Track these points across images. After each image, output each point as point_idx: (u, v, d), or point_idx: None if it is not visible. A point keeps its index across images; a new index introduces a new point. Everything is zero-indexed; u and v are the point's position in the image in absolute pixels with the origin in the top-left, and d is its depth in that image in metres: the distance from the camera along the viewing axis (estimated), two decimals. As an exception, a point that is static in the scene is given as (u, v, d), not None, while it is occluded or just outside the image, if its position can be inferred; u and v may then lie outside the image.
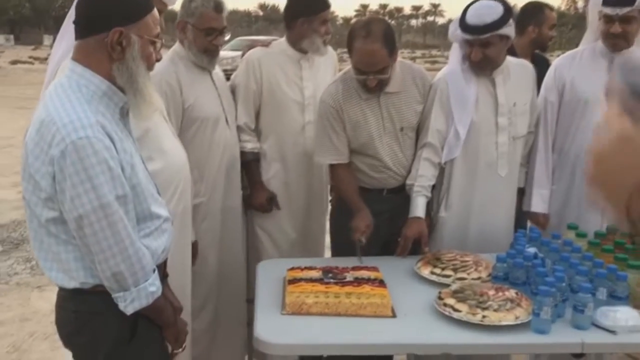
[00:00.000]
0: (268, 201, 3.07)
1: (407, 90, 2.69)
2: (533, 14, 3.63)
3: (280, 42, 3.08)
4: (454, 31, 2.73)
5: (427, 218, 2.76)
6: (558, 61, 3.00)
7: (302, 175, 3.09)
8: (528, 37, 3.68)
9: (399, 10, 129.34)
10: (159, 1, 2.27)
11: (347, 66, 2.69)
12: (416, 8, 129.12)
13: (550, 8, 3.84)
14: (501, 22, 2.58)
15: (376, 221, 2.65)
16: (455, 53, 2.82)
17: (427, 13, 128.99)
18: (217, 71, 2.93)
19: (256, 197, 3.05)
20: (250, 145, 3.00)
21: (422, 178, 2.72)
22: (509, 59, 2.84)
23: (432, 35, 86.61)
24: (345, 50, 2.57)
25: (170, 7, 2.54)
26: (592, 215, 2.87)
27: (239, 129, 2.97)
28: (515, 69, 2.82)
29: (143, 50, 1.68)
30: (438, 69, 3.08)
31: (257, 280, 2.40)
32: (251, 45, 3.19)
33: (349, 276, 2.24)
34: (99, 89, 1.66)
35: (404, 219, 2.82)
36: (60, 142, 1.55)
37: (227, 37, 2.77)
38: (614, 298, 2.12)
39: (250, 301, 3.05)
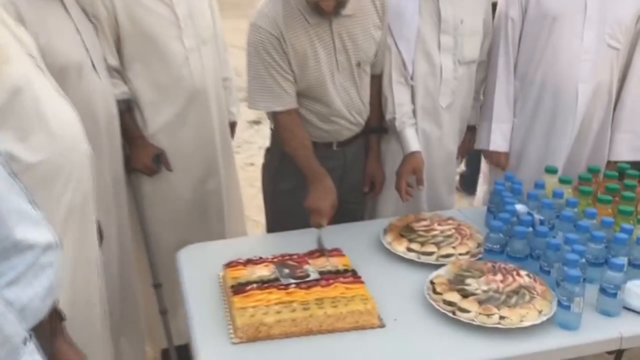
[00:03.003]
0: (154, 160, 2.34)
1: (364, 11, 2.04)
2: None
3: None
4: None
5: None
6: (521, -32, 2.48)
7: (197, 121, 2.37)
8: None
9: None
10: None
11: None
12: None
13: None
14: None
15: None
16: None
17: None
18: None
19: (138, 157, 2.31)
20: (118, 90, 2.23)
21: (402, 106, 2.23)
22: None
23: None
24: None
25: None
26: (557, 153, 2.49)
27: None
28: None
29: None
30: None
31: (182, 283, 1.78)
32: None
33: (312, 270, 1.67)
34: None
35: (358, 175, 2.30)
36: None
37: None
38: (635, 267, 1.74)
39: (158, 286, 2.44)
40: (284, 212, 2.23)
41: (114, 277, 2.22)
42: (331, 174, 2.18)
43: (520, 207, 1.95)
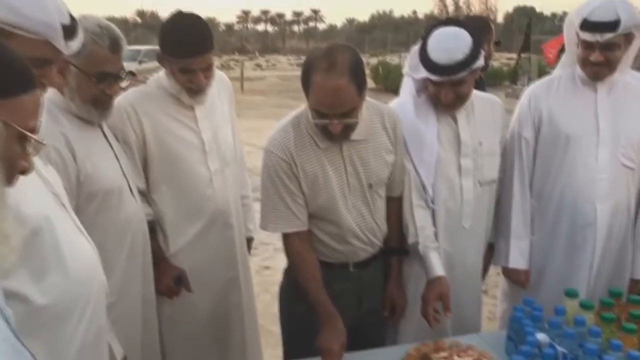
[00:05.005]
0: (175, 281, 2.34)
1: (376, 136, 2.10)
2: (483, 32, 3.15)
3: (160, 77, 2.36)
4: (415, 69, 2.22)
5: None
6: (532, 90, 2.54)
7: (217, 239, 2.41)
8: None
9: (280, 16, 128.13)
10: (50, 48, 1.46)
11: (299, 107, 2.07)
12: (297, 14, 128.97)
13: (492, 21, 3.41)
14: (474, 55, 2.14)
15: (341, 303, 2.05)
16: (408, 84, 2.33)
17: (308, 19, 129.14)
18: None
19: (161, 279, 2.31)
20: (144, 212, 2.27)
21: (424, 229, 2.22)
22: (473, 91, 2.37)
23: (315, 40, 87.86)
24: (231, 56, 1.92)
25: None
26: (579, 271, 2.44)
27: None
28: (481, 103, 2.36)
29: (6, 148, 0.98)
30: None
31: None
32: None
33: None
34: None
35: (377, 297, 2.26)
36: None
37: (125, 84, 2.05)
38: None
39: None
40: (298, 334, 2.19)
41: None
42: (348, 296, 2.17)
43: (541, 337, 1.88)
